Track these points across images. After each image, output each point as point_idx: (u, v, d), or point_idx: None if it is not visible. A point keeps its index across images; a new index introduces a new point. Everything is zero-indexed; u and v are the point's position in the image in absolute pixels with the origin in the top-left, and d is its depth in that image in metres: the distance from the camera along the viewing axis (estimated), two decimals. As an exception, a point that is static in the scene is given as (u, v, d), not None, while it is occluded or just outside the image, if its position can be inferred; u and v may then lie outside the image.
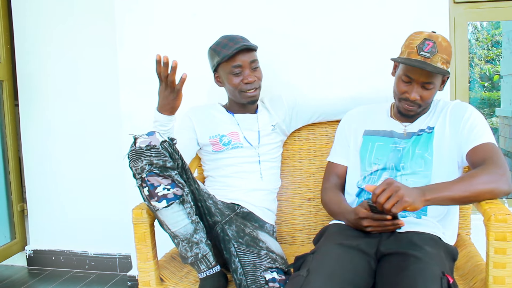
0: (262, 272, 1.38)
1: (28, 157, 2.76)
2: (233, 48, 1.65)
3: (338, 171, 1.66)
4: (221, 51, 1.67)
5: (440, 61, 1.39)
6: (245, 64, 1.68)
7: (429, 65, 1.38)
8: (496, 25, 8.44)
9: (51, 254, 2.76)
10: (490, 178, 1.27)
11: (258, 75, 1.72)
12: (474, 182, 1.26)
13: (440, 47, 1.39)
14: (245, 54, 1.68)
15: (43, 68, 2.67)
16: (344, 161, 1.66)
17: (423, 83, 1.43)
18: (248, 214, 1.68)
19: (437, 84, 1.45)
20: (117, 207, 2.49)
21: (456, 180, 1.29)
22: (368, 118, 1.66)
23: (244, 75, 1.68)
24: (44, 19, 2.63)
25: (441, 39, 1.41)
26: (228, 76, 1.70)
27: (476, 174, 1.28)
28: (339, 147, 1.69)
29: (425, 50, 1.38)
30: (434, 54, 1.38)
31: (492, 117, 6.39)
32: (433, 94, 1.47)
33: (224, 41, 1.69)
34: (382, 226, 1.32)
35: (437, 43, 1.39)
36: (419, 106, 1.48)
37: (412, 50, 1.41)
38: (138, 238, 1.47)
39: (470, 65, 8.51)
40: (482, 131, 1.42)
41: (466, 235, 1.69)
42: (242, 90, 1.70)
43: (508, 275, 1.21)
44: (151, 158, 1.33)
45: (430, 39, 1.40)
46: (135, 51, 2.24)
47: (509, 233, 1.20)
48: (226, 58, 1.66)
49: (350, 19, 2.01)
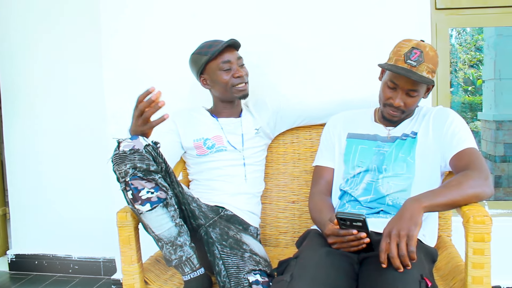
0: (246, 274, 1.39)
1: (10, 160, 2.73)
2: (220, 44, 1.69)
3: (326, 175, 1.66)
4: (208, 51, 1.70)
5: (425, 70, 1.42)
6: (233, 60, 1.73)
7: (415, 73, 1.40)
8: (479, 30, 8.57)
9: (33, 258, 2.73)
10: (476, 183, 1.30)
11: (245, 71, 1.77)
12: (463, 187, 1.28)
13: (427, 57, 1.42)
14: (232, 52, 1.73)
15: (26, 70, 2.65)
16: (331, 163, 1.66)
17: (408, 91, 1.46)
18: (232, 217, 1.69)
19: (422, 92, 1.48)
20: (101, 210, 2.48)
21: (445, 186, 1.30)
22: (352, 122, 1.67)
23: (234, 70, 1.72)
24: (28, 20, 2.61)
25: (428, 48, 1.44)
26: (217, 73, 1.72)
27: (463, 180, 1.30)
28: (325, 150, 1.70)
29: (412, 59, 1.41)
30: (421, 63, 1.41)
31: (474, 121, 6.49)
32: (417, 101, 1.50)
33: (207, 43, 1.73)
34: (346, 243, 1.29)
35: (424, 52, 1.42)
36: (403, 112, 1.51)
37: (399, 58, 1.43)
38: (123, 241, 1.46)
39: (454, 70, 8.62)
40: (465, 137, 1.45)
41: (447, 237, 1.71)
42: (233, 84, 1.72)
43: (486, 275, 1.23)
44: (135, 162, 1.33)
45: (417, 48, 1.42)
46: (120, 52, 2.23)
47: (487, 234, 1.22)
48: (216, 54, 1.69)
49: (335, 24, 2.03)
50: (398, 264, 1.14)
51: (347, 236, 1.27)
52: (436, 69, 1.46)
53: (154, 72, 2.20)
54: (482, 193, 1.30)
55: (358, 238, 1.26)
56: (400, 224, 1.18)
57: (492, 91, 4.64)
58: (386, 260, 1.16)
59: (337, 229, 1.29)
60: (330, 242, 1.33)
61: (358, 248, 1.28)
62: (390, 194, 1.48)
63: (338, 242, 1.30)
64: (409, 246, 1.15)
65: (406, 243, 1.15)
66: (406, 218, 1.19)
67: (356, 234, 1.25)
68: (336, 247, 1.32)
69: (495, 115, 4.60)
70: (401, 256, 1.15)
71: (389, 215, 1.46)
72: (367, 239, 1.26)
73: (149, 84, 1.55)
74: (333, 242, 1.32)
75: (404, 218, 1.19)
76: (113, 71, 2.25)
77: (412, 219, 1.18)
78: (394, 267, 1.15)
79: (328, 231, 1.32)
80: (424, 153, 1.50)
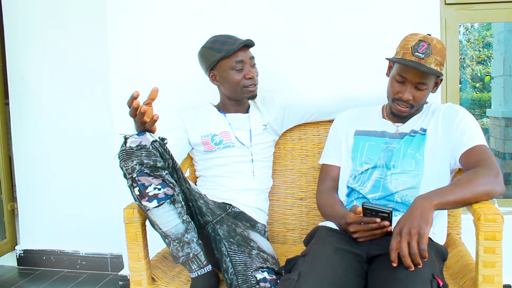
0: (253, 272, 1.38)
1: (18, 156, 2.74)
2: (236, 44, 1.66)
3: (333, 173, 1.66)
4: (222, 48, 1.67)
5: (434, 63, 1.41)
6: (246, 60, 1.70)
7: (423, 65, 1.39)
8: (487, 26, 8.49)
9: (41, 254, 2.74)
10: (486, 180, 1.28)
11: (256, 71, 1.75)
12: (474, 185, 1.26)
13: (434, 49, 1.41)
14: (246, 51, 1.71)
15: (34, 67, 2.65)
16: (337, 161, 1.66)
17: (416, 84, 1.44)
18: (240, 214, 1.68)
19: (430, 85, 1.47)
20: (109, 206, 2.48)
21: (456, 184, 1.28)
22: (359, 119, 1.66)
23: (246, 71, 1.70)
24: (36, 18, 2.61)
25: (435, 41, 1.43)
26: (229, 72, 1.70)
27: (473, 177, 1.28)
28: (332, 149, 1.69)
29: (420, 51, 1.40)
30: (428, 56, 1.40)
31: (483, 118, 6.44)
32: (426, 95, 1.48)
33: (221, 39, 1.70)
34: (369, 232, 1.30)
35: (431, 45, 1.41)
36: (412, 107, 1.49)
37: (407, 51, 1.43)
38: (130, 237, 1.46)
39: (462, 66, 8.56)
40: (475, 134, 1.44)
41: (457, 235, 1.70)
42: (244, 85, 1.71)
43: (497, 274, 1.22)
44: (142, 158, 1.33)
45: (425, 41, 1.42)
46: (127, 50, 2.23)
47: (498, 233, 1.21)
48: (230, 53, 1.66)
49: (343, 19, 2.01)
50: (409, 263, 1.13)
51: (370, 225, 1.28)
52: (444, 62, 1.44)
53: (161, 68, 2.19)
54: (492, 190, 1.28)
55: (381, 226, 1.27)
56: (410, 222, 1.16)
57: (502, 87, 4.58)
58: (396, 259, 1.15)
59: (360, 216, 1.30)
60: (351, 230, 1.33)
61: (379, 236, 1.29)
62: (398, 191, 1.47)
63: (360, 231, 1.31)
64: (421, 244, 1.13)
65: (417, 241, 1.13)
66: (416, 216, 1.17)
67: (379, 223, 1.26)
68: (357, 236, 1.32)
69: (505, 112, 4.55)
70: (412, 255, 1.13)
71: (398, 212, 1.45)
72: (390, 227, 1.27)
73: (155, 82, 1.54)
74: (354, 230, 1.32)
75: (414, 216, 1.17)
76: (120, 69, 2.25)
77: (423, 216, 1.16)
78: (404, 266, 1.14)
79: (350, 219, 1.33)
80: (434, 150, 1.48)
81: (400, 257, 1.14)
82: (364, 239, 1.32)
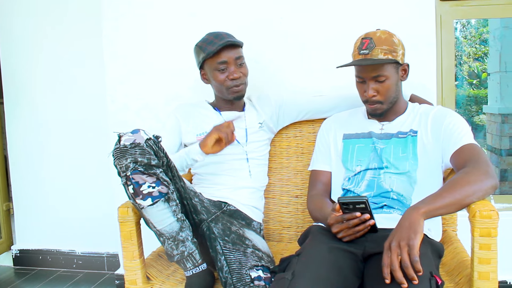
0: (248, 270, 1.37)
1: (13, 155, 2.73)
2: (217, 44, 1.64)
3: (323, 178, 1.65)
4: (206, 47, 1.66)
5: (381, 53, 1.43)
6: (231, 60, 1.68)
7: (367, 59, 1.44)
8: (484, 23, 8.51)
9: (37, 253, 2.73)
10: (475, 178, 1.25)
11: (244, 71, 1.72)
12: (463, 184, 1.23)
13: (378, 41, 1.44)
14: (230, 51, 1.68)
15: (28, 66, 2.64)
16: (327, 167, 1.66)
17: (373, 78, 1.47)
18: (235, 212, 1.68)
19: (390, 75, 1.47)
20: (104, 205, 2.47)
21: (444, 188, 1.24)
22: (345, 123, 1.67)
23: (230, 71, 1.68)
24: (30, 16, 2.60)
25: (379, 33, 1.47)
26: (213, 72, 1.69)
27: (463, 177, 1.25)
28: (320, 155, 1.69)
29: (363, 48, 1.46)
30: (373, 49, 1.44)
31: (479, 114, 6.46)
32: (390, 86, 1.49)
33: (210, 37, 1.69)
34: (352, 229, 1.27)
35: (374, 38, 1.45)
36: (381, 103, 1.50)
37: (354, 53, 1.50)
38: (124, 236, 1.46)
39: (459, 63, 8.57)
40: (462, 134, 1.43)
41: (453, 232, 1.70)
42: (228, 86, 1.70)
43: (493, 271, 1.22)
44: (136, 156, 1.32)
45: (366, 37, 1.47)
46: (122, 48, 2.22)
47: (493, 229, 1.20)
48: (211, 55, 1.65)
49: (339, 17, 2.01)
50: (401, 279, 1.08)
51: (351, 221, 1.26)
52: (396, 48, 1.45)
53: (157, 67, 2.19)
54: (483, 186, 1.24)
55: (362, 220, 1.25)
56: (399, 235, 1.13)
57: (498, 83, 4.59)
58: (389, 274, 1.11)
59: (341, 215, 1.28)
60: (335, 231, 1.31)
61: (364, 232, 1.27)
62: (393, 190, 1.47)
63: (343, 230, 1.29)
64: (412, 256, 1.08)
65: (408, 254, 1.10)
66: (405, 227, 1.14)
67: (360, 217, 1.24)
68: (341, 235, 1.30)
69: (501, 108, 4.55)
70: (404, 268, 1.09)
71: (393, 209, 1.44)
72: (372, 221, 1.25)
73: (151, 81, 1.50)
74: (338, 230, 1.30)
75: (402, 227, 1.14)
76: (116, 67, 2.24)
77: (411, 227, 1.13)
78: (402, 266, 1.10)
79: (331, 220, 1.31)
80: (425, 152, 1.48)
81: (392, 272, 1.10)
82: (349, 238, 1.29)
